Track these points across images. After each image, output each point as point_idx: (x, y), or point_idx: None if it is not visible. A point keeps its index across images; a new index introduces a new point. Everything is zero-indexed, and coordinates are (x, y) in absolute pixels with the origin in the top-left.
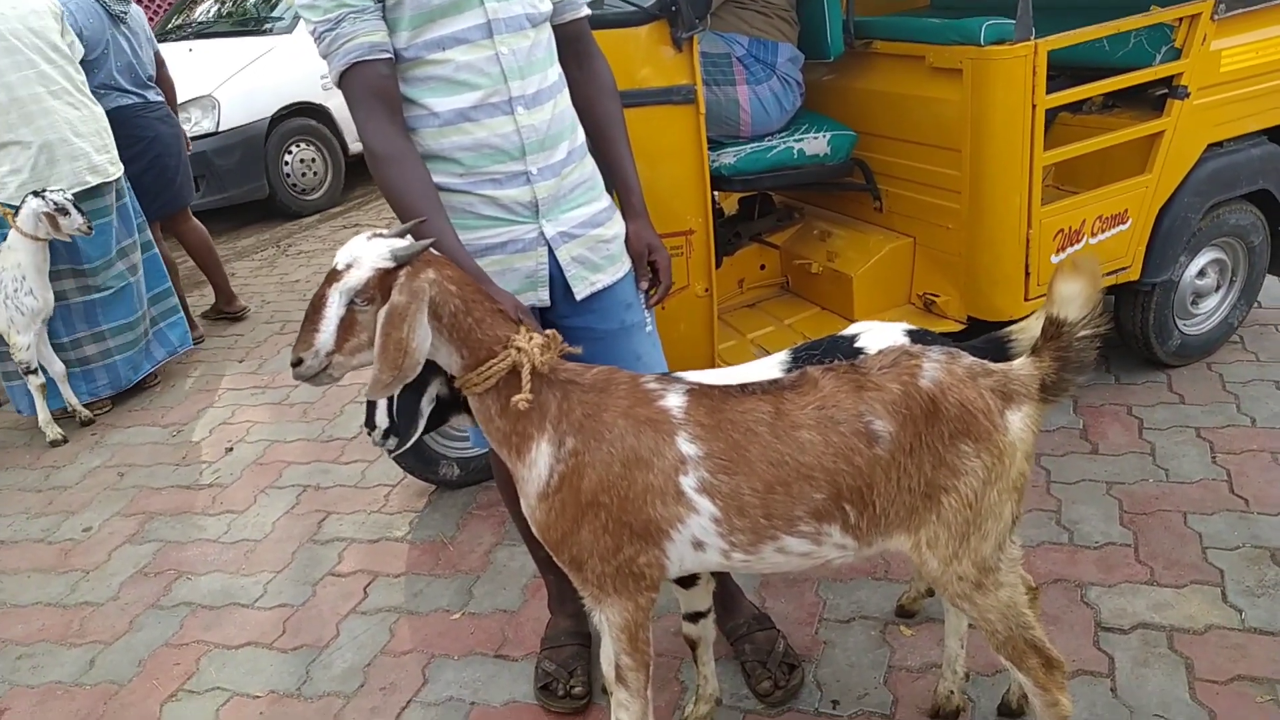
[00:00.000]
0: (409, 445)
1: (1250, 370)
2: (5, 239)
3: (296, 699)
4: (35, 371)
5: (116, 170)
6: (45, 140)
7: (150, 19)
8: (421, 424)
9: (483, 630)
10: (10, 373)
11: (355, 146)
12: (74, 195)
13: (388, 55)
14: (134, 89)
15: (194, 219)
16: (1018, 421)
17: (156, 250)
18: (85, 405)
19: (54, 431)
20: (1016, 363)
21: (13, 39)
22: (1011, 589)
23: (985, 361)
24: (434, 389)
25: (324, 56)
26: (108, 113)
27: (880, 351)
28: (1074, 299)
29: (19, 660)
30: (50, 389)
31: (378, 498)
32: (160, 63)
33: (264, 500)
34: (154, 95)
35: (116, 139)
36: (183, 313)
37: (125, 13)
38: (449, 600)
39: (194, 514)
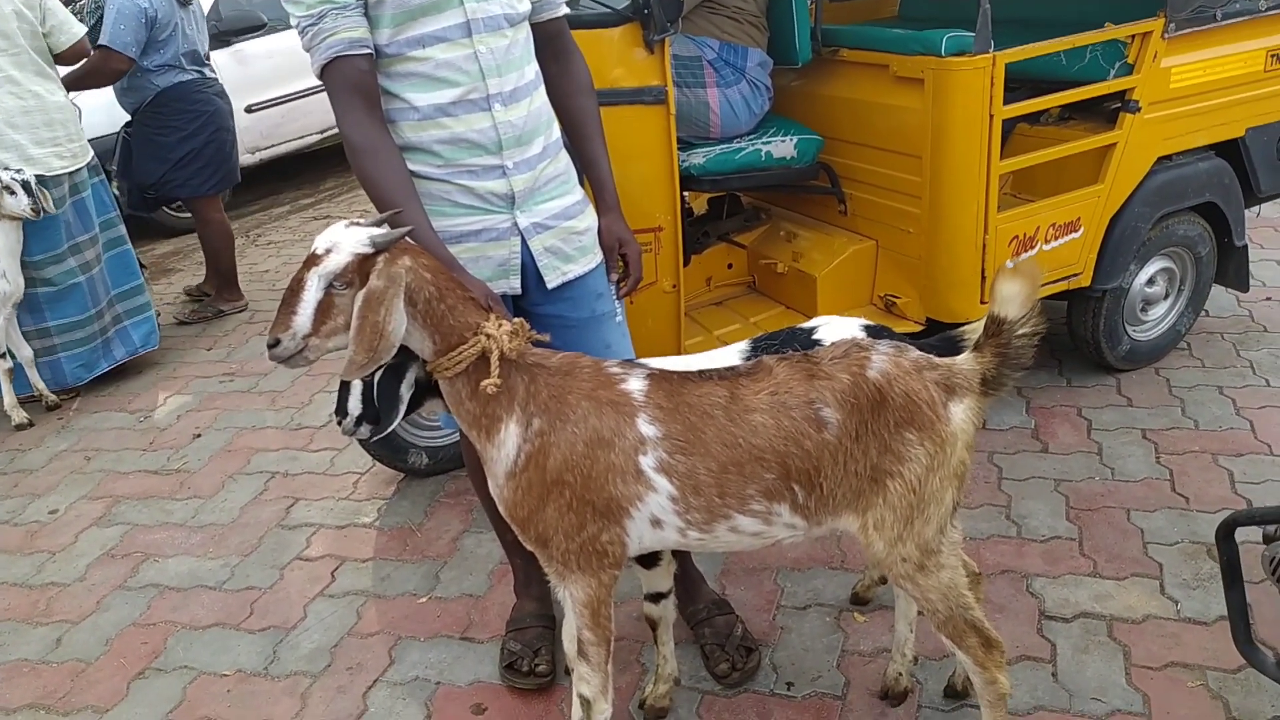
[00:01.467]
0: (390, 429)
1: (1196, 376)
2: None
3: (264, 678)
4: (3, 356)
5: (65, 164)
6: None
7: None
8: (402, 409)
9: (449, 614)
10: None
11: (247, 159)
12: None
13: (368, 51)
14: (193, 66)
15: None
16: (960, 413)
17: (129, 246)
18: (48, 406)
19: (20, 415)
20: (960, 358)
21: None
22: (952, 571)
23: (930, 356)
24: (413, 373)
25: (306, 50)
26: (169, 89)
27: (833, 343)
28: (1014, 299)
29: None
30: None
31: (346, 485)
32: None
33: (232, 486)
34: (209, 73)
35: (178, 114)
36: (153, 311)
37: None
38: (416, 585)
39: (161, 498)
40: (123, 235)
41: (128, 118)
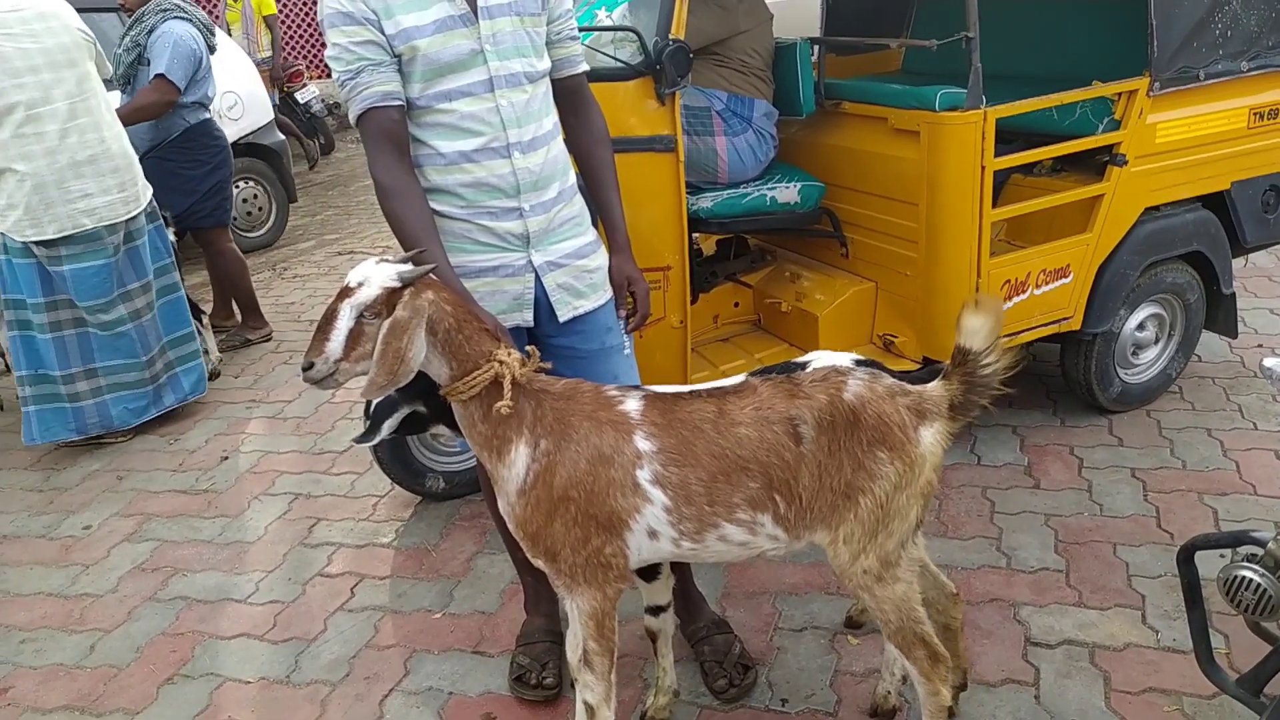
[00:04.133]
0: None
1: (1186, 418)
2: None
3: (286, 685)
4: None
5: (127, 210)
6: (41, 181)
7: None
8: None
9: (462, 629)
10: (24, 397)
11: None
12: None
13: (399, 103)
14: (209, 108)
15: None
16: (929, 436)
17: (182, 293)
18: (92, 439)
19: None
20: (929, 385)
21: (47, 72)
22: (907, 585)
23: (903, 383)
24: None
25: (345, 101)
26: (197, 125)
27: (814, 368)
28: (978, 332)
29: (22, 644)
30: (73, 416)
31: (366, 507)
32: None
33: (257, 506)
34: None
35: (204, 148)
36: (202, 358)
37: (214, 46)
38: (431, 601)
39: (190, 517)
40: (176, 282)
41: None
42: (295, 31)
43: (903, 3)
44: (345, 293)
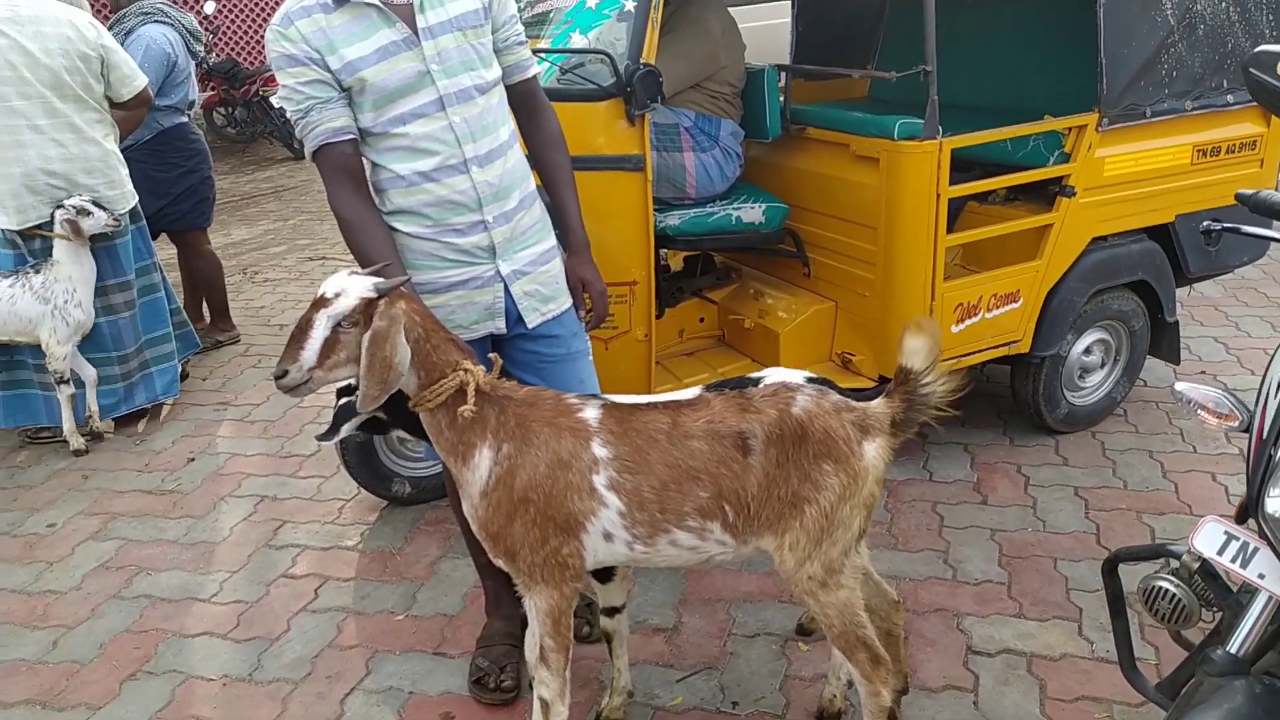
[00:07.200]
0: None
1: (1129, 440)
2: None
3: (248, 683)
4: (67, 381)
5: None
6: (8, 172)
7: None
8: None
9: (424, 630)
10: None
11: None
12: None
13: (350, 136)
14: (187, 111)
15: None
16: (872, 450)
17: (161, 295)
18: (58, 437)
19: (78, 441)
20: (873, 402)
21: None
22: (850, 591)
23: (848, 399)
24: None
25: (300, 138)
26: (171, 128)
27: (766, 384)
28: (918, 352)
29: None
30: (44, 405)
31: (332, 510)
32: None
33: (223, 507)
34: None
35: (177, 151)
36: (176, 359)
37: (197, 52)
38: (394, 603)
39: (155, 516)
40: (156, 283)
41: None
42: None
43: (870, 33)
44: (321, 302)
